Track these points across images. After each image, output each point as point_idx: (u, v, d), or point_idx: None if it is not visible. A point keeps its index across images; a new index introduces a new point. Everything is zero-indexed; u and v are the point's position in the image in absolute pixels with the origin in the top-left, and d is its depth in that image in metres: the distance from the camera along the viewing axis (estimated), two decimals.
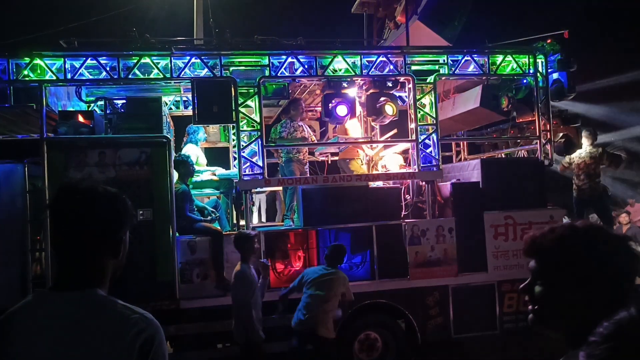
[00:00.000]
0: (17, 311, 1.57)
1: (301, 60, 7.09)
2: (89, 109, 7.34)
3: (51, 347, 1.48)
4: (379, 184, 7.71)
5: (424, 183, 7.41)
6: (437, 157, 7.32)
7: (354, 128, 8.77)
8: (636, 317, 0.89)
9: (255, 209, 9.49)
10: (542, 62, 7.70)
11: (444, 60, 7.54)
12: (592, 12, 15.17)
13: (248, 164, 6.94)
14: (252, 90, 6.98)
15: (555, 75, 7.74)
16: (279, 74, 7.07)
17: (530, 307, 1.43)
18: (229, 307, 6.35)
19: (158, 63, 6.73)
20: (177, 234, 6.34)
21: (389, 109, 7.34)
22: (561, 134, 7.88)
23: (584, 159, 8.80)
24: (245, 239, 5.77)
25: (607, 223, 8.46)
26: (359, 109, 8.51)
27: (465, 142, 9.63)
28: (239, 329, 5.52)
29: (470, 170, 7.71)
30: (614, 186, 11.86)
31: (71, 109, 7.18)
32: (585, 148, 8.66)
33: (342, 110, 7.29)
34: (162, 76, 6.75)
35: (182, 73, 6.78)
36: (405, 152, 8.32)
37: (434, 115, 7.39)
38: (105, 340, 1.48)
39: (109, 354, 1.47)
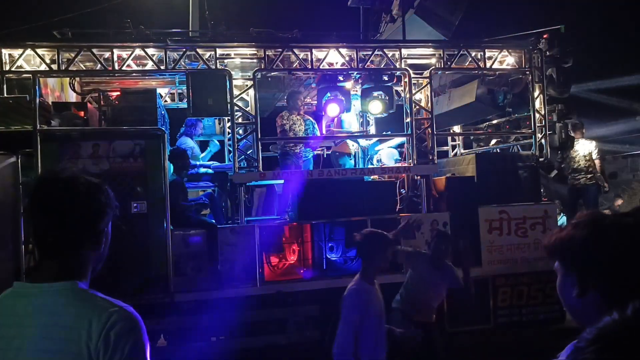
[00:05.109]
0: None
1: (297, 53, 7.05)
2: (83, 101, 7.29)
3: (28, 339, 1.47)
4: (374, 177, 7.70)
5: (419, 177, 7.41)
6: (432, 152, 7.32)
7: (350, 121, 8.74)
8: (619, 321, 0.91)
9: (254, 205, 9.47)
10: (537, 57, 7.68)
11: (439, 55, 7.53)
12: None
13: (243, 157, 6.92)
14: (247, 83, 6.94)
15: (550, 71, 7.73)
16: (274, 67, 7.04)
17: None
18: (223, 300, 6.35)
19: (153, 55, 6.68)
20: (171, 227, 6.32)
21: (377, 106, 7.30)
22: (557, 128, 7.87)
23: (578, 152, 8.86)
24: (377, 242, 3.73)
25: None
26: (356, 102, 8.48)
27: (461, 137, 9.63)
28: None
29: (465, 164, 7.71)
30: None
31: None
32: (578, 141, 8.70)
33: (332, 109, 7.26)
34: (156, 68, 6.71)
35: (177, 65, 6.75)
36: (400, 146, 8.31)
37: (430, 110, 7.38)
38: (81, 332, 1.46)
39: (86, 346, 1.45)
